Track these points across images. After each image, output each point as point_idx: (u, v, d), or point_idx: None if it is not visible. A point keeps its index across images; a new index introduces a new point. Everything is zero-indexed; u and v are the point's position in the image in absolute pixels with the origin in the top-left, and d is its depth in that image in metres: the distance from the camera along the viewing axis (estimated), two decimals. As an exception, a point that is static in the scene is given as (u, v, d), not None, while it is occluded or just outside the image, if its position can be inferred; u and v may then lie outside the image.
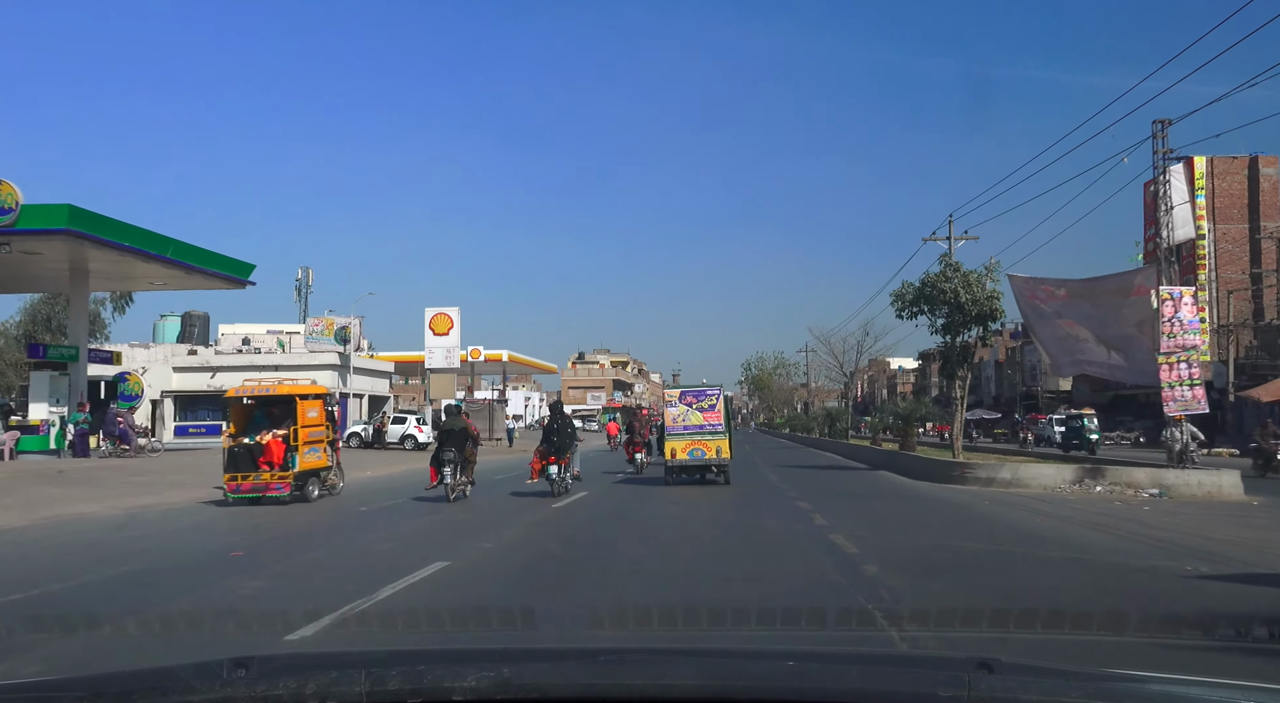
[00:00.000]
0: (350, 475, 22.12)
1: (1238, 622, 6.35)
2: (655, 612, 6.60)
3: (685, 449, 18.73)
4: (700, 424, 18.81)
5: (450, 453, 15.36)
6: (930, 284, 22.09)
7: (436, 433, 18.51)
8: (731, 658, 2.49)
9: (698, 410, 18.83)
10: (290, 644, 5.73)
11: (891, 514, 14.48)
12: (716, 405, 18.93)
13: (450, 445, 15.52)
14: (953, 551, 10.19)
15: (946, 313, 22.05)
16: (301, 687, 1.84)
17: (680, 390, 19.75)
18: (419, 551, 10.04)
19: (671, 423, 19.02)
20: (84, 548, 10.64)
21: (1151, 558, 9.74)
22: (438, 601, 7.15)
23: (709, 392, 19.29)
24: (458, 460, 15.46)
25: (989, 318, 21.58)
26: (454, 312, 49.16)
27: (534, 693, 1.87)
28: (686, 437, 18.74)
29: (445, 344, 48.99)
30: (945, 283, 21.70)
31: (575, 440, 16.82)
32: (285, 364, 42.66)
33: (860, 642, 5.91)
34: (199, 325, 49.02)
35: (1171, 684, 1.97)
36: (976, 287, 21.31)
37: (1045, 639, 5.89)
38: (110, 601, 7.47)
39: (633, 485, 19.81)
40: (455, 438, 15.70)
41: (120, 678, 2.16)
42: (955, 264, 22.18)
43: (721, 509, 14.92)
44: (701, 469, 19.10)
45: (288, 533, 12.22)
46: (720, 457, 18.71)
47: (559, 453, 16.13)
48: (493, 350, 63.52)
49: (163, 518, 14.00)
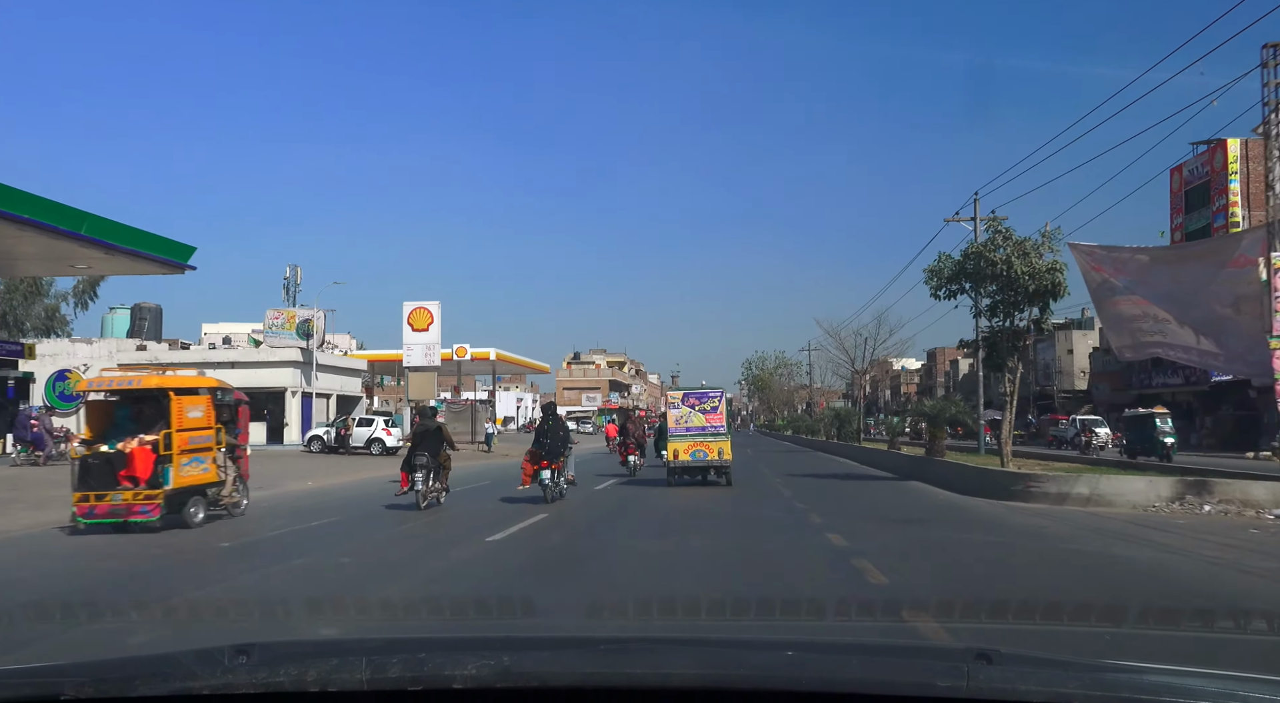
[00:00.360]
0: (285, 488, 19.12)
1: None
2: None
3: (688, 451, 18.89)
4: (703, 426, 18.91)
5: (423, 457, 14.48)
6: (975, 256, 18.29)
7: (409, 436, 17.47)
8: (731, 648, 2.51)
9: (700, 412, 18.98)
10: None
11: (972, 555, 9.85)
12: (719, 408, 19.05)
13: (423, 449, 14.62)
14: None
15: (996, 290, 18.26)
16: (302, 674, 1.84)
17: (683, 392, 19.83)
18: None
19: (674, 424, 19.11)
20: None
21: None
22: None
23: (711, 394, 19.44)
24: (430, 466, 14.56)
25: (1050, 295, 17.68)
26: (434, 306, 45.36)
27: (534, 681, 1.86)
28: (689, 438, 18.89)
29: (425, 341, 45.21)
30: (993, 253, 17.89)
31: (569, 443, 16.14)
32: (244, 361, 39.08)
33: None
34: (150, 318, 45.01)
35: (1169, 675, 2.03)
36: (1034, 256, 17.50)
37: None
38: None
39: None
40: (429, 441, 14.76)
41: (122, 664, 2.19)
42: (1006, 231, 18.29)
43: (723, 537, 11.38)
44: (703, 470, 19.22)
45: (125, 577, 8.85)
46: (722, 458, 18.83)
47: (552, 457, 15.33)
48: (480, 348, 59.59)
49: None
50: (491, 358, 58.97)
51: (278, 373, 39.46)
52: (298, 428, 38.71)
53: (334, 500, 16.83)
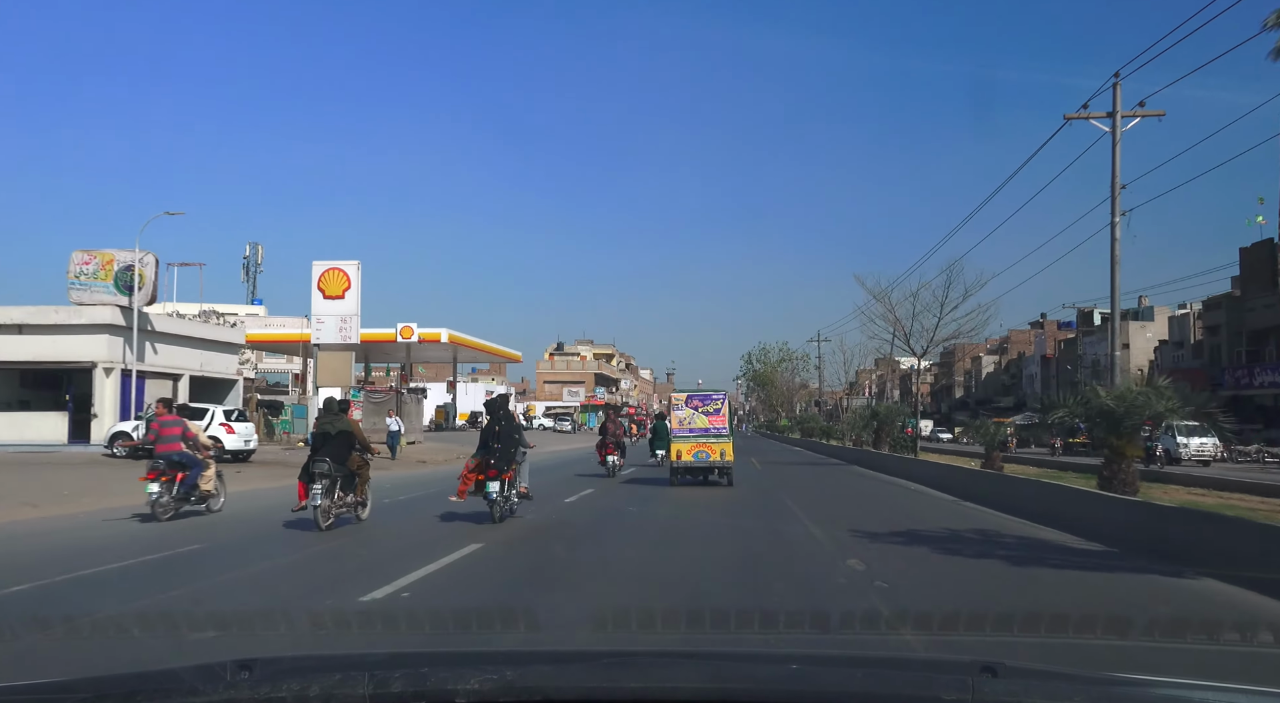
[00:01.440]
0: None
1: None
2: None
3: (691, 451, 19.16)
4: (705, 427, 19.22)
5: (324, 464, 11.47)
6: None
7: (310, 435, 13.51)
8: (735, 661, 2.47)
9: (703, 414, 19.33)
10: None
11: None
12: (721, 410, 19.47)
13: (324, 455, 11.64)
14: None
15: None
16: (305, 689, 1.84)
17: (687, 394, 20.35)
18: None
19: (678, 426, 19.50)
20: None
21: None
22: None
23: (714, 396, 19.98)
24: (335, 474, 11.58)
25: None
26: (352, 267, 36.09)
27: (537, 696, 1.86)
28: (692, 439, 19.18)
29: (339, 311, 35.82)
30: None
31: (523, 448, 13.14)
32: (34, 323, 28.02)
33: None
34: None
35: (1176, 689, 2.03)
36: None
37: None
38: None
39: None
40: (333, 444, 11.84)
41: (124, 680, 2.14)
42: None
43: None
44: (706, 471, 19.48)
45: None
46: (724, 459, 19.11)
47: (501, 464, 12.33)
48: (430, 329, 49.98)
49: None
50: (444, 341, 49.47)
51: (84, 342, 27.98)
52: (113, 419, 27.49)
53: (44, 548, 10.48)
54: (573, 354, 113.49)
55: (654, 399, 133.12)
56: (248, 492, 16.94)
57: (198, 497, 12.83)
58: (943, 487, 19.69)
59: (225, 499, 13.70)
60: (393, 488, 18.11)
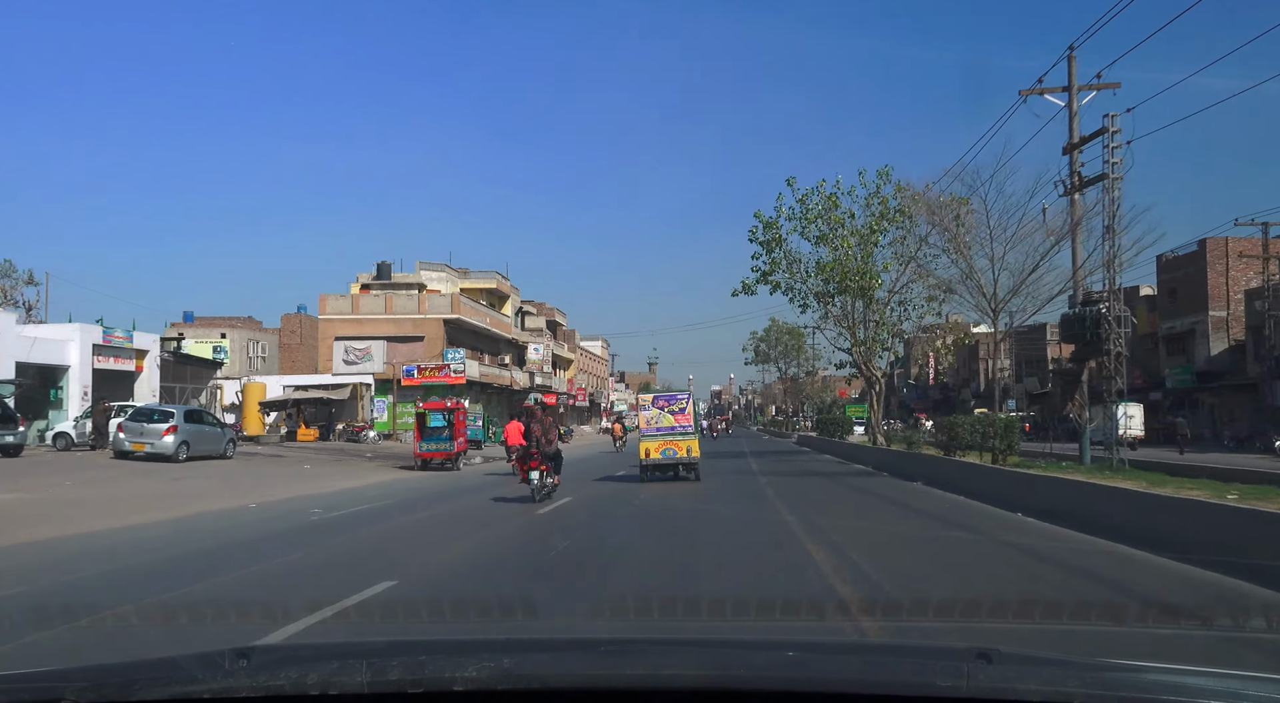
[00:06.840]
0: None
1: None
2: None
3: (659, 449, 20.11)
4: (672, 426, 20.16)
5: None
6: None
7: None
8: (732, 649, 2.50)
9: (669, 414, 20.21)
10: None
11: None
12: (687, 409, 20.40)
13: None
14: None
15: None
16: (303, 677, 1.82)
17: (653, 395, 21.34)
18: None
19: (645, 425, 20.32)
20: None
21: None
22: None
23: (679, 396, 21.00)
24: None
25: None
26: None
27: (535, 684, 1.83)
28: (660, 438, 20.14)
29: None
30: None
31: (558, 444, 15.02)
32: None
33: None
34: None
35: (1169, 674, 2.01)
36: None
37: None
38: None
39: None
40: None
41: (123, 669, 2.10)
42: None
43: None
44: (674, 467, 20.35)
45: None
46: (690, 455, 20.06)
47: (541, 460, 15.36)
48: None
49: None
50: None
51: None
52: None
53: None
54: (405, 285, 50.88)
55: (608, 386, 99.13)
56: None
57: None
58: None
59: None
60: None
